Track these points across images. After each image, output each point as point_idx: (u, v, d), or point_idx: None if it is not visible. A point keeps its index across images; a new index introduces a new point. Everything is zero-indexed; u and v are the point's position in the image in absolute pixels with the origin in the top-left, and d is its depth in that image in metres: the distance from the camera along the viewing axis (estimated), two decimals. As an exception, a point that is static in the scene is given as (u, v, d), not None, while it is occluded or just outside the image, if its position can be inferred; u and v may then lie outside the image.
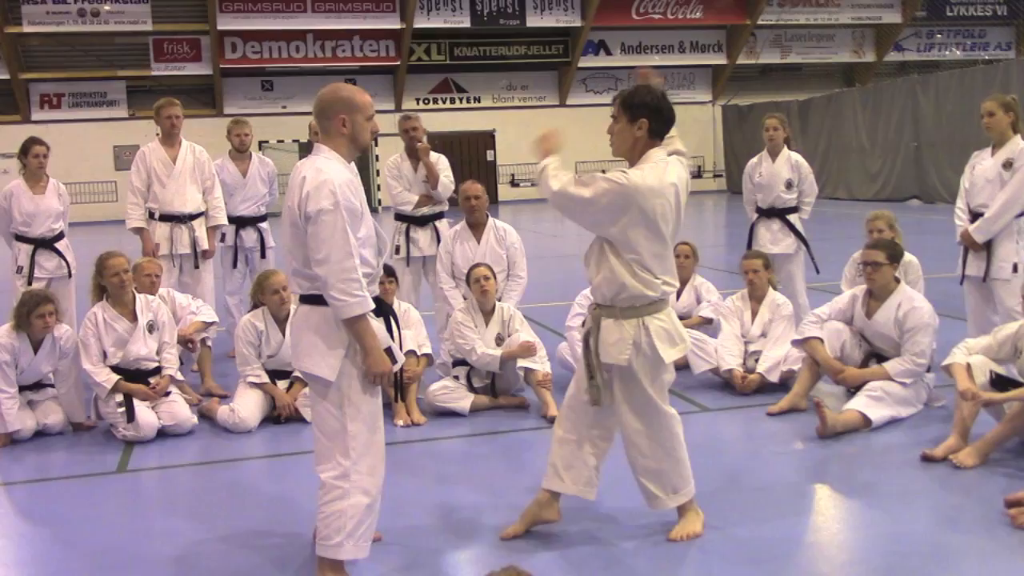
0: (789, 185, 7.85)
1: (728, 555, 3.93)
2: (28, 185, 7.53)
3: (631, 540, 4.09)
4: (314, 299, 3.61)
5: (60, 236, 7.64)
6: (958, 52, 32.35)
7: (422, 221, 7.65)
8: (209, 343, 7.09)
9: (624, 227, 3.81)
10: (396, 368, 3.71)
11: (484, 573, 2.21)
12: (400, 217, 7.72)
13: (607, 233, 3.86)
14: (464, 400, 6.17)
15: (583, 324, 4.30)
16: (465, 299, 6.64)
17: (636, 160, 3.95)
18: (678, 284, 4.11)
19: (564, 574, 3.73)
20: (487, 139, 29.54)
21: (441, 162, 7.67)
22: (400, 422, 5.94)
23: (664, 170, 3.89)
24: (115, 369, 5.98)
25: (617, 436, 4.15)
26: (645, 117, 3.91)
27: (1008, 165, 6.22)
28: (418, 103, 29.27)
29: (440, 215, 7.70)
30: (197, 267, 7.76)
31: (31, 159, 7.51)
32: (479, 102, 30.40)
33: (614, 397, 4.01)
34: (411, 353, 6.13)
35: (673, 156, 4.02)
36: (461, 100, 30.31)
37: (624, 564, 3.89)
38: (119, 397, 5.89)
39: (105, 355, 5.99)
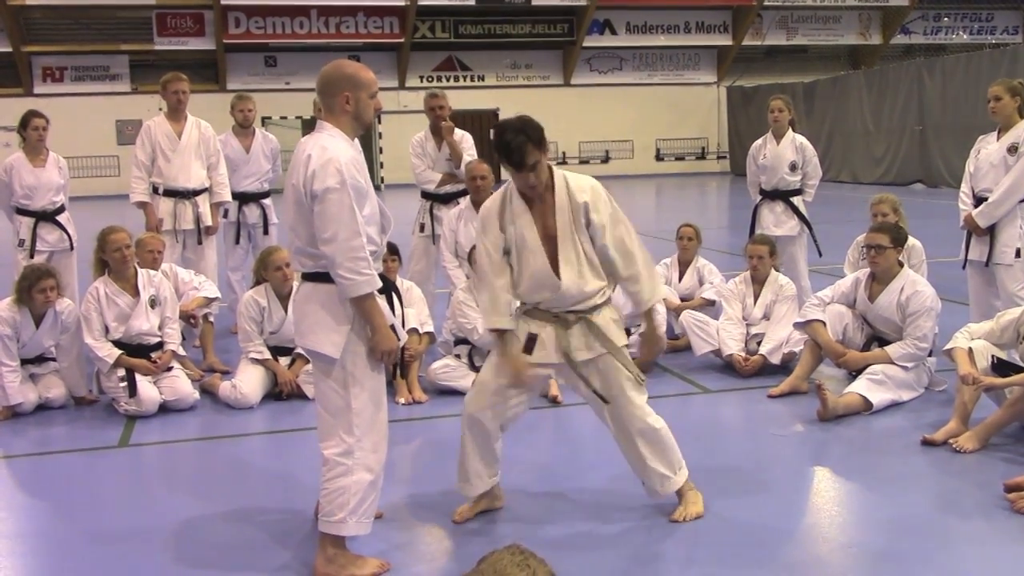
0: (793, 167, 7.83)
1: (728, 536, 3.94)
2: (28, 158, 7.51)
3: (629, 522, 4.11)
4: (317, 277, 3.61)
5: (61, 209, 7.63)
6: (965, 36, 32.20)
7: (446, 199, 7.65)
8: (211, 319, 7.10)
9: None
10: (399, 346, 3.72)
11: (486, 551, 2.22)
12: (425, 195, 7.72)
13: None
14: (466, 379, 6.17)
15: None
16: (468, 278, 6.64)
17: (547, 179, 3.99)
18: None
19: (565, 553, 3.75)
20: (491, 117, 29.43)
21: (465, 140, 7.64)
22: (402, 400, 5.96)
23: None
24: (117, 344, 5.99)
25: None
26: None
27: (1013, 150, 6.20)
28: (422, 81, 29.18)
29: (464, 192, 7.68)
30: (200, 243, 7.76)
31: (31, 132, 7.49)
32: (483, 80, 30.30)
33: (605, 401, 4.03)
34: (413, 331, 6.14)
35: None
36: (465, 78, 30.20)
37: (625, 544, 3.91)
38: (121, 372, 5.91)
39: (107, 330, 6.00)
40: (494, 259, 3.96)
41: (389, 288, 3.81)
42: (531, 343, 4.00)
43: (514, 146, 3.82)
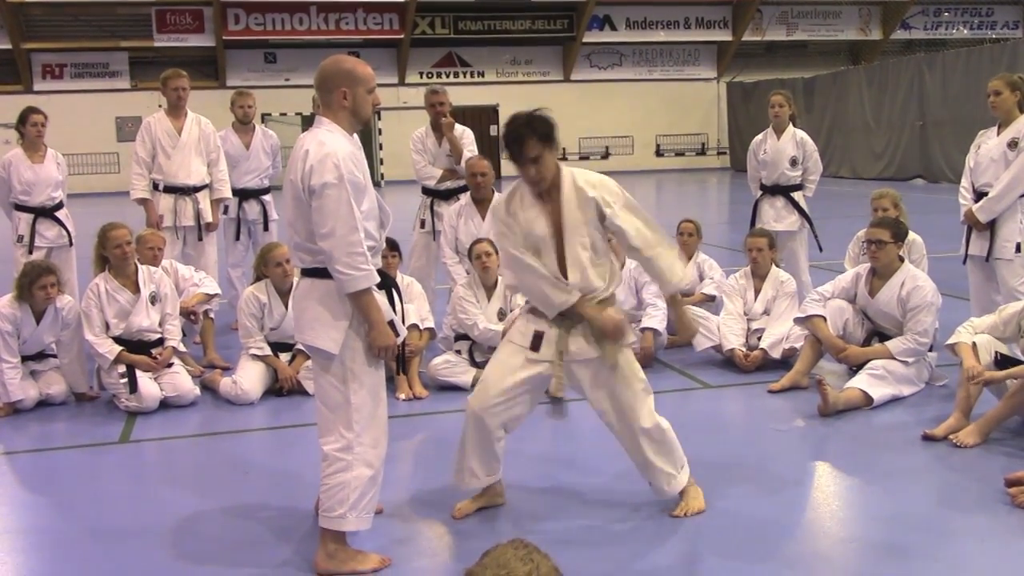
0: (794, 162, 7.82)
1: (729, 531, 3.94)
2: (27, 154, 7.52)
3: (631, 518, 4.11)
4: (316, 272, 3.61)
5: (60, 205, 7.63)
6: (965, 31, 32.16)
7: (446, 195, 7.64)
8: (212, 315, 7.10)
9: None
10: (399, 342, 3.72)
11: (487, 546, 2.22)
12: (425, 191, 7.72)
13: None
14: (466, 374, 6.18)
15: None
16: (468, 274, 6.64)
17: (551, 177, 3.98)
18: None
19: (567, 548, 3.75)
20: (491, 114, 29.41)
21: (466, 136, 7.63)
22: (402, 396, 5.96)
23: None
24: (117, 340, 5.99)
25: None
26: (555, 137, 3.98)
27: (1013, 145, 6.19)
28: (421, 77, 29.13)
29: (465, 188, 7.67)
30: (200, 239, 7.75)
31: (29, 128, 7.50)
32: (483, 76, 30.25)
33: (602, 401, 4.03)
34: (413, 327, 6.14)
35: None
36: (465, 74, 30.16)
37: (627, 539, 3.91)
38: (121, 368, 5.91)
39: (108, 326, 6.00)
40: (524, 253, 3.94)
41: (389, 284, 3.81)
42: (537, 340, 3.99)
43: (514, 138, 3.85)
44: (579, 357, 3.96)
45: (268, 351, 6.18)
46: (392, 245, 6.26)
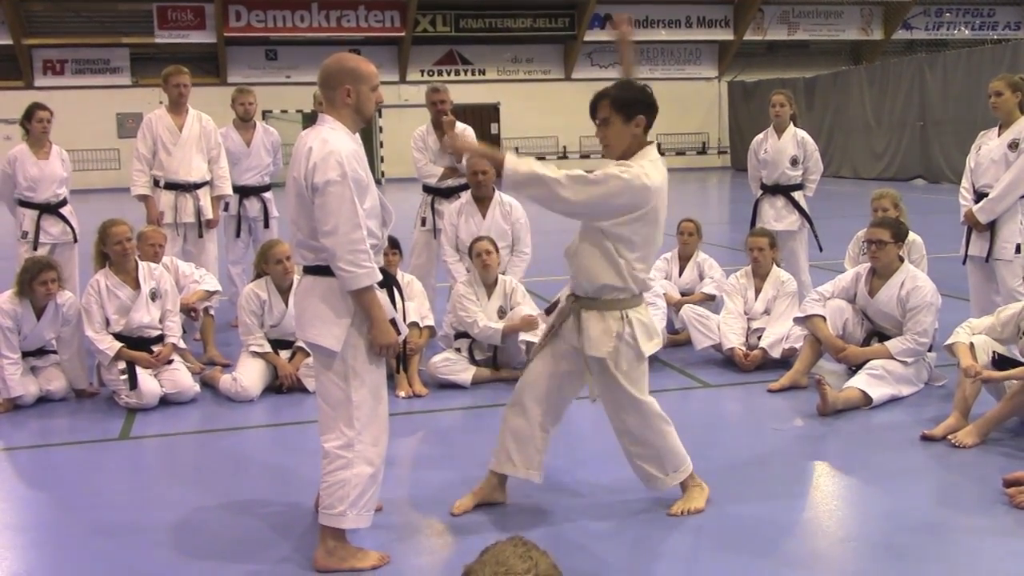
0: (794, 162, 7.83)
1: (727, 530, 3.95)
2: (32, 151, 7.52)
3: (631, 516, 4.11)
4: (318, 270, 3.61)
5: (64, 202, 7.64)
6: (966, 31, 32.16)
7: (447, 193, 7.64)
8: (212, 312, 7.11)
9: (630, 223, 3.79)
10: (400, 339, 3.72)
11: (486, 543, 2.22)
12: (426, 189, 7.72)
13: (609, 228, 3.81)
14: (466, 372, 6.19)
15: (549, 311, 4.27)
16: (468, 272, 6.64)
17: (631, 158, 3.90)
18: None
19: (566, 545, 3.76)
20: (492, 112, 29.42)
21: (467, 134, 7.63)
22: (402, 393, 5.96)
23: (662, 167, 3.91)
24: (118, 337, 5.99)
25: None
26: (642, 113, 3.90)
27: (1014, 146, 6.20)
28: (423, 75, 29.12)
29: (465, 187, 7.67)
30: (201, 236, 7.76)
31: (35, 124, 7.50)
32: (484, 75, 30.24)
33: (592, 390, 4.02)
34: (414, 325, 6.15)
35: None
36: (466, 72, 30.14)
37: (625, 537, 3.92)
38: (122, 364, 5.91)
39: (108, 323, 6.00)
40: None
41: (390, 282, 3.82)
42: (552, 307, 4.09)
43: (595, 97, 3.95)
44: (585, 351, 3.95)
45: (268, 348, 6.19)
46: (393, 243, 6.27)
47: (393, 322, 3.67)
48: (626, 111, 3.88)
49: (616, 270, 3.83)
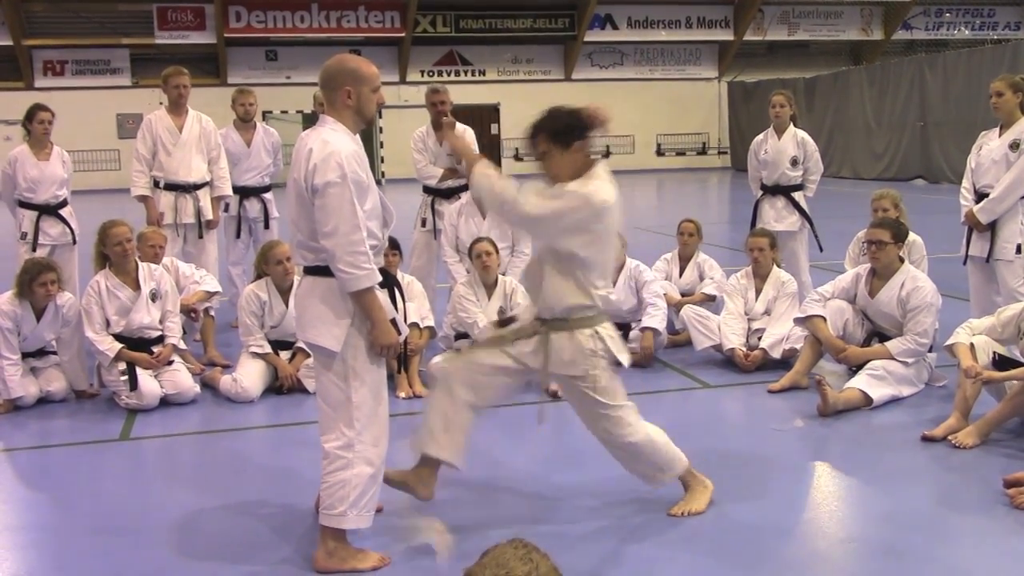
0: (794, 162, 7.83)
1: (728, 531, 3.95)
2: (33, 151, 7.52)
3: (630, 517, 4.11)
4: (319, 271, 3.62)
5: (64, 203, 7.64)
6: (967, 31, 32.16)
7: (448, 194, 7.64)
8: (212, 313, 7.11)
9: (585, 242, 3.78)
10: (401, 340, 3.72)
11: (487, 545, 2.22)
12: (426, 190, 7.72)
13: (562, 246, 3.80)
14: (466, 373, 6.18)
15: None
16: (468, 272, 6.64)
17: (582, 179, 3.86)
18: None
19: (566, 547, 3.75)
20: (492, 112, 29.42)
21: (467, 135, 7.63)
22: (402, 394, 5.96)
23: (613, 186, 3.88)
24: (118, 337, 5.99)
25: None
26: (578, 138, 3.87)
27: (1015, 146, 6.20)
28: (422, 75, 29.12)
29: (465, 187, 7.66)
30: (201, 237, 7.75)
31: (36, 125, 7.50)
32: (484, 75, 30.24)
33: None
34: (414, 325, 6.15)
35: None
36: (466, 73, 30.14)
37: (626, 538, 3.91)
38: (122, 365, 5.91)
39: (108, 323, 6.00)
40: None
41: (391, 282, 3.82)
42: (507, 320, 4.12)
43: (529, 134, 3.91)
44: (553, 371, 3.92)
45: (268, 349, 6.19)
46: (393, 244, 6.26)
47: (394, 322, 3.67)
48: (562, 140, 3.85)
49: (582, 289, 3.82)
